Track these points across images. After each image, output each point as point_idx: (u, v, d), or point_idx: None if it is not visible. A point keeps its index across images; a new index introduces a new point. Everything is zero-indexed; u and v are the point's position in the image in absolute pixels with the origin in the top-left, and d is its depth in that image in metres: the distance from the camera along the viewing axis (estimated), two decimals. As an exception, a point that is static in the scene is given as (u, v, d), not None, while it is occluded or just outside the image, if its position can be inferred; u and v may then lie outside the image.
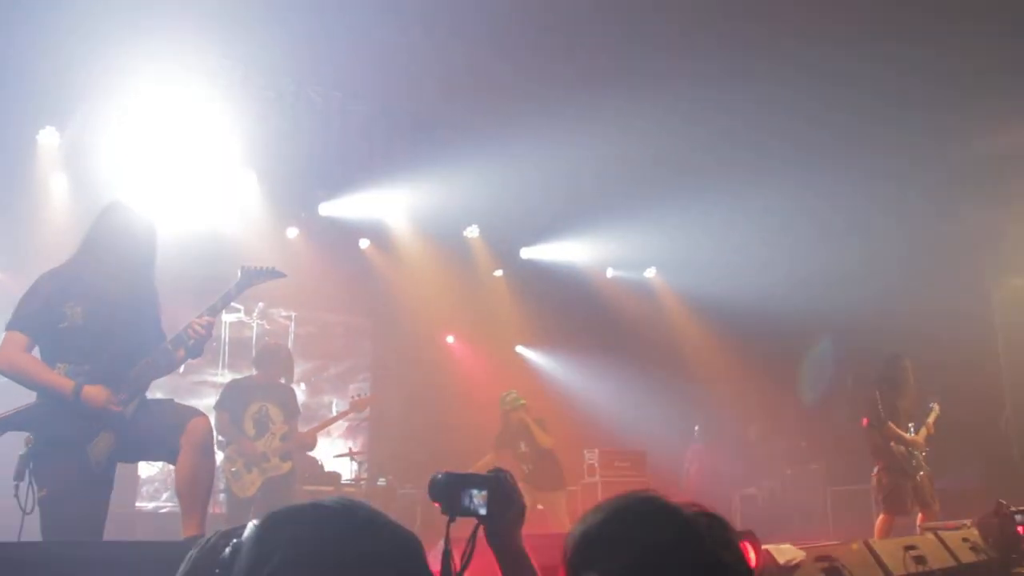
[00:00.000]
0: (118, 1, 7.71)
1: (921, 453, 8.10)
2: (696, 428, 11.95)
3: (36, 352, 3.99)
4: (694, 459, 11.99)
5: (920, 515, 7.85)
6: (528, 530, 2.13)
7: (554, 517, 8.36)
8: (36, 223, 8.86)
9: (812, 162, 10.14)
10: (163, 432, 3.99)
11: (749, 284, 11.52)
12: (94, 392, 3.87)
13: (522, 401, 8.69)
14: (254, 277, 4.34)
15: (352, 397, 8.31)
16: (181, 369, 4.70)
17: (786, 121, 9.55)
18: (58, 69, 8.18)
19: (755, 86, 8.87)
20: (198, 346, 4.18)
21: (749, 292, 11.50)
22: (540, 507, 8.42)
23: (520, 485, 6.51)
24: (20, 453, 3.81)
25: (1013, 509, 5.52)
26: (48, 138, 8.52)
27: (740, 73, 8.70)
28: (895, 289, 10.90)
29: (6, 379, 3.93)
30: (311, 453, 9.72)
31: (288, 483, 7.38)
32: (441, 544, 2.04)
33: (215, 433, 4.86)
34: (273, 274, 4.41)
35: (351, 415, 8.32)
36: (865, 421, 8.24)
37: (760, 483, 11.08)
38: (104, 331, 3.97)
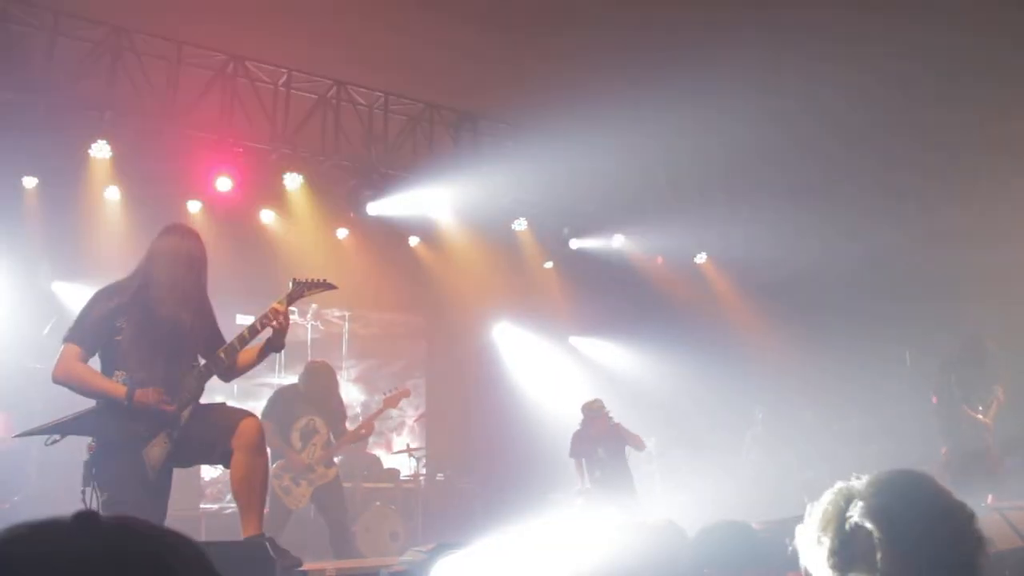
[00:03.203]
0: (162, 11, 7.88)
1: (990, 434, 7.92)
2: (758, 414, 11.73)
3: (96, 363, 4.12)
4: (753, 444, 11.82)
5: (990, 496, 7.66)
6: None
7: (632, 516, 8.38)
8: (91, 235, 9.07)
9: (863, 140, 9.96)
10: (215, 436, 4.09)
11: (802, 266, 11.34)
12: (146, 394, 3.98)
13: (607, 410, 8.76)
14: (305, 289, 4.42)
15: (384, 394, 8.38)
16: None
17: (834, 103, 9.39)
18: (107, 83, 8.39)
19: (801, 73, 8.74)
20: (278, 340, 4.27)
21: (802, 274, 11.33)
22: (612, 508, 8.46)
23: (592, 487, 6.55)
24: (84, 459, 3.94)
25: None
26: (100, 151, 8.71)
27: (787, 60, 8.58)
28: (950, 263, 10.65)
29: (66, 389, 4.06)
30: (376, 451, 9.84)
31: (336, 487, 7.50)
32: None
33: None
34: (324, 286, 4.48)
35: (385, 411, 8.40)
36: (935, 399, 8.08)
37: (819, 466, 10.89)
38: (158, 342, 4.09)
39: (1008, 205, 10.75)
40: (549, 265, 12.52)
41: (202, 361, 4.32)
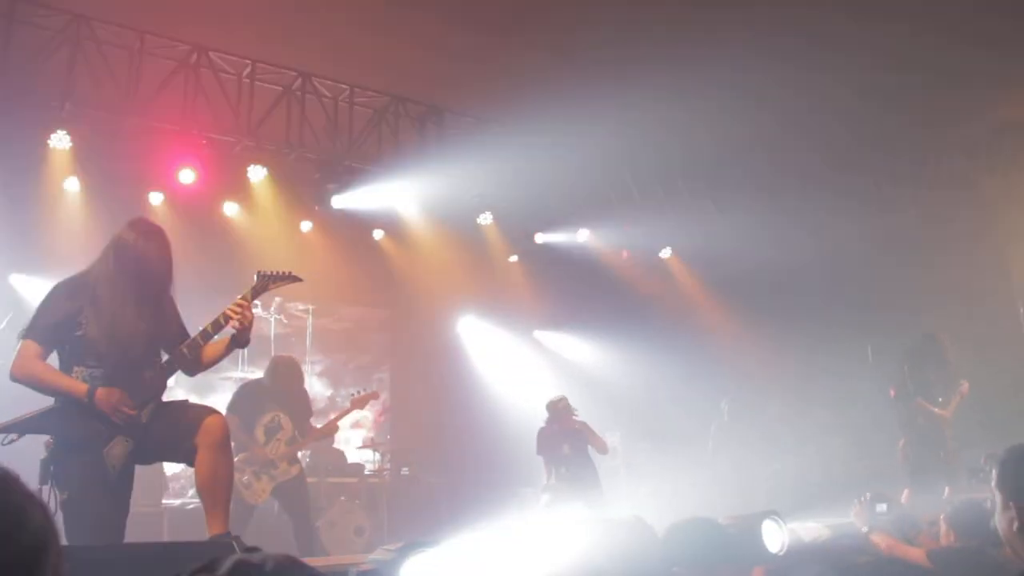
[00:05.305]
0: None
1: (948, 427, 8.05)
2: (724, 407, 11.78)
3: (54, 358, 4.03)
4: (719, 437, 11.87)
5: (947, 489, 7.79)
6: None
7: (599, 512, 8.39)
8: (51, 227, 8.91)
9: (823, 137, 10.06)
10: (178, 434, 4.03)
11: (765, 260, 11.45)
12: (107, 394, 3.90)
13: (572, 407, 8.75)
14: (270, 282, 4.38)
15: (353, 394, 8.33)
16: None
17: (797, 97, 9.46)
18: (66, 71, 8.23)
19: (763, 63, 8.78)
20: (244, 335, 4.22)
21: (765, 268, 11.43)
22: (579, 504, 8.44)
23: (558, 484, 6.58)
24: (41, 457, 3.86)
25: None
26: (60, 142, 8.56)
27: (747, 50, 8.61)
28: (912, 260, 10.81)
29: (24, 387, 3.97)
30: (340, 445, 9.78)
31: (299, 484, 7.44)
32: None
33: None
34: (289, 279, 4.45)
35: (353, 412, 8.36)
36: (892, 392, 8.20)
37: (784, 459, 11.00)
38: (119, 338, 4.00)
39: (969, 206, 10.94)
40: (514, 259, 12.52)
41: (164, 357, 4.25)
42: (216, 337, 4.28)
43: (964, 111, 9.98)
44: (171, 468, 9.55)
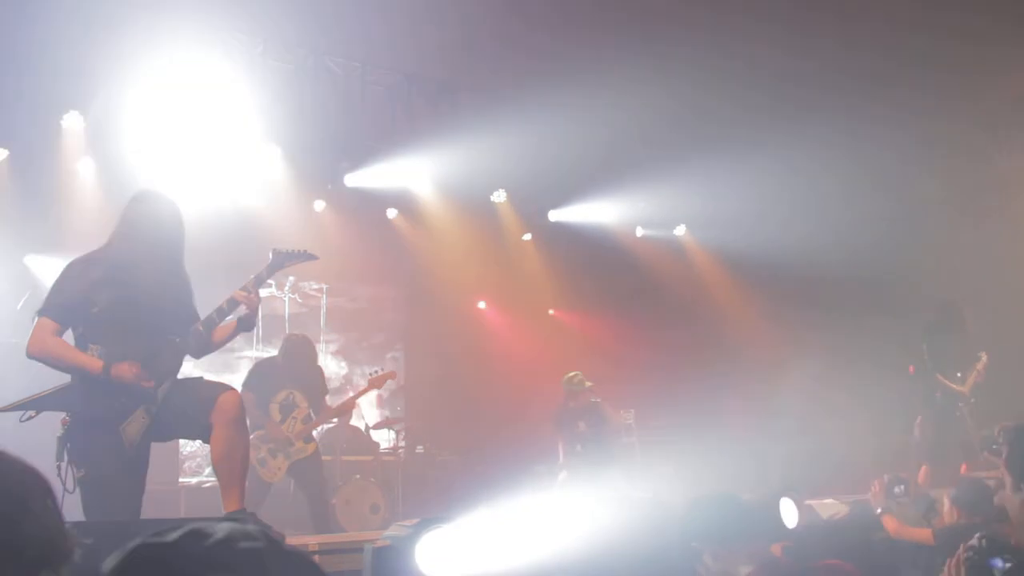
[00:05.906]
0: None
1: (966, 403, 7.98)
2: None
3: (69, 336, 4.04)
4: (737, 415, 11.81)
5: (963, 465, 7.75)
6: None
7: (615, 489, 8.39)
8: (65, 207, 8.93)
9: (842, 111, 9.95)
10: (194, 411, 4.03)
11: (781, 237, 11.37)
12: (123, 368, 3.91)
13: (588, 384, 8.72)
14: (286, 259, 4.38)
15: (370, 374, 8.34)
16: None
17: (814, 70, 9.36)
18: (78, 53, 8.20)
19: (781, 36, 8.68)
20: (250, 318, 4.22)
21: (781, 245, 11.35)
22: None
23: (574, 461, 6.59)
24: (58, 435, 3.88)
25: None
26: (72, 122, 8.55)
27: (765, 23, 8.52)
28: (931, 236, 10.72)
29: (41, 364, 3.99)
30: (354, 423, 9.82)
31: (315, 461, 7.45)
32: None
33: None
34: (305, 256, 4.45)
35: (371, 391, 8.36)
36: (912, 369, 8.15)
37: (802, 438, 10.95)
38: (134, 315, 4.01)
39: (986, 180, 10.84)
40: (528, 237, 12.48)
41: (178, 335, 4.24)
42: (228, 318, 4.29)
43: (981, 84, 9.86)
44: (187, 446, 9.61)
